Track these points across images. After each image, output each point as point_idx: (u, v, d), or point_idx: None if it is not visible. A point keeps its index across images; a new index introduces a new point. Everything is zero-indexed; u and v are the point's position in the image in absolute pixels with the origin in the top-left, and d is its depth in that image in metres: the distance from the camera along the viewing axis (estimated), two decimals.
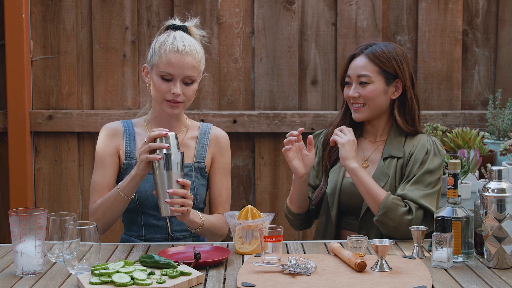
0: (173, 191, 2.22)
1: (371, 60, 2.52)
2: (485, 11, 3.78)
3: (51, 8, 3.77)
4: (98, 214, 2.44)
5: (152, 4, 3.76)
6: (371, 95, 2.51)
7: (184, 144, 2.57)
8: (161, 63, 2.44)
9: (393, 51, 2.53)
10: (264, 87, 3.79)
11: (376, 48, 2.53)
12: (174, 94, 2.44)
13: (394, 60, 2.52)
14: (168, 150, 2.24)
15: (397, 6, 3.78)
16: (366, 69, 2.52)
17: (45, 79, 3.80)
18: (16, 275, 2.02)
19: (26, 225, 1.99)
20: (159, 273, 1.94)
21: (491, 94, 3.78)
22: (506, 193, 2.06)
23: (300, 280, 1.93)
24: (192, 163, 2.55)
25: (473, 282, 1.95)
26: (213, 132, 2.62)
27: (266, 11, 3.76)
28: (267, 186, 3.81)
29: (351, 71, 2.56)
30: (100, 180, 2.52)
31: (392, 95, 2.54)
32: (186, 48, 2.45)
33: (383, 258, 2.02)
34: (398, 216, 2.37)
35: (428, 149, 2.48)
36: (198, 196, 2.54)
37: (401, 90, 2.54)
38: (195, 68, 2.47)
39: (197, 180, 2.55)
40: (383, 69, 2.51)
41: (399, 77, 2.53)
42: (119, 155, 2.55)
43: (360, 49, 2.56)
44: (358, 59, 2.55)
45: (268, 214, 2.29)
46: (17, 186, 3.75)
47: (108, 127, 2.59)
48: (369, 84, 2.52)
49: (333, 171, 2.61)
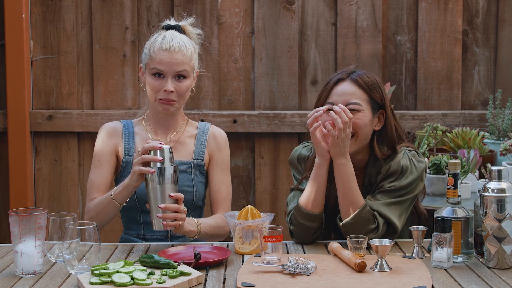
0: (165, 206, 2.21)
1: (360, 87, 2.33)
2: (485, 11, 3.79)
3: (51, 8, 3.77)
4: (92, 214, 2.46)
5: (152, 4, 3.76)
6: (361, 124, 2.31)
7: (181, 142, 2.57)
8: (151, 61, 2.48)
9: (376, 79, 2.36)
10: (264, 87, 3.79)
11: (362, 74, 2.35)
12: (166, 92, 2.45)
13: (380, 89, 2.36)
14: (162, 163, 2.23)
15: (397, 6, 3.78)
16: (356, 96, 2.32)
17: (45, 79, 3.80)
18: (16, 275, 2.02)
19: (26, 225, 1.99)
20: (159, 273, 1.93)
21: (491, 94, 3.78)
22: (506, 193, 2.06)
23: (300, 280, 1.93)
24: (190, 160, 2.56)
25: (473, 282, 1.95)
26: (211, 130, 2.63)
27: (266, 11, 3.76)
28: (267, 186, 3.81)
29: (337, 97, 2.33)
30: (97, 178, 2.53)
31: (375, 126, 2.37)
32: (174, 45, 2.47)
33: (383, 258, 2.02)
34: (364, 231, 2.25)
35: (398, 170, 2.34)
36: (197, 194, 2.55)
37: (383, 121, 2.37)
38: (185, 64, 2.48)
39: (196, 177, 2.55)
40: (371, 98, 2.34)
41: (383, 108, 2.36)
42: (118, 154, 2.55)
43: (345, 74, 2.36)
44: (344, 85, 2.34)
45: (268, 214, 2.29)
46: (17, 186, 3.75)
47: (107, 126, 2.61)
48: (359, 112, 2.31)
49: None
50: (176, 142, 2.57)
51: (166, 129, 2.58)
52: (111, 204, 2.38)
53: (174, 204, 2.23)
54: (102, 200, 2.43)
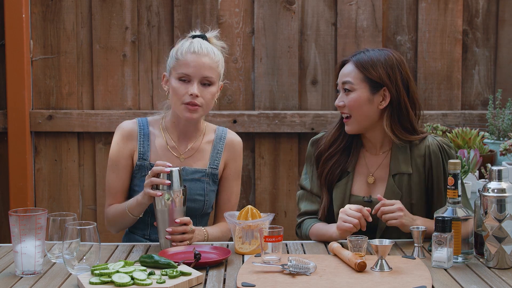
0: (172, 229, 2.25)
1: (356, 67, 2.41)
2: (485, 11, 3.78)
3: (51, 8, 3.77)
4: (110, 219, 2.52)
5: (152, 4, 3.76)
6: (353, 104, 2.40)
7: (199, 149, 2.57)
8: (178, 65, 2.45)
9: (382, 58, 2.40)
10: (264, 87, 3.79)
11: (364, 56, 2.42)
12: (192, 95, 2.43)
13: (382, 68, 2.38)
14: (169, 187, 2.25)
15: (397, 6, 3.78)
16: (350, 76, 2.41)
17: (45, 79, 3.80)
18: (16, 275, 2.02)
19: (26, 225, 1.99)
20: (159, 273, 1.94)
21: (491, 94, 3.78)
22: (506, 193, 2.06)
23: (300, 280, 1.93)
24: (205, 168, 2.56)
25: (473, 282, 1.95)
26: (229, 137, 2.62)
27: (266, 11, 3.76)
28: (267, 186, 3.81)
29: (339, 78, 2.47)
30: (114, 183, 2.54)
31: (379, 105, 2.41)
32: (202, 49, 2.46)
33: (383, 258, 2.02)
34: None
35: (441, 156, 2.40)
36: (208, 203, 2.56)
37: (389, 99, 2.40)
38: (212, 69, 2.46)
39: (209, 186, 2.56)
40: (367, 77, 2.39)
41: (385, 85, 2.40)
42: (133, 157, 2.56)
43: (351, 56, 2.47)
44: (346, 66, 2.46)
45: (268, 214, 2.29)
46: (17, 186, 3.75)
47: (123, 129, 2.57)
48: (352, 92, 2.41)
49: (338, 188, 2.47)
50: (195, 150, 2.57)
51: (186, 137, 2.56)
52: (127, 215, 2.43)
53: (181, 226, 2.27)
54: (119, 210, 2.47)
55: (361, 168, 2.49)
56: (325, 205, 2.48)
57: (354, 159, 2.49)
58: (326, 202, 2.48)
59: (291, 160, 3.79)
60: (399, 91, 2.40)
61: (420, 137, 2.44)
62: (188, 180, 2.51)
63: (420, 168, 2.42)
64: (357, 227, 2.24)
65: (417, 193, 2.41)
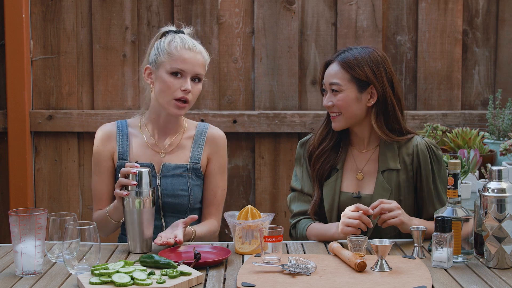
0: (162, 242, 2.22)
1: (342, 67, 2.43)
2: (485, 11, 3.78)
3: (51, 8, 3.77)
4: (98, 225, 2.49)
5: (152, 4, 3.76)
6: (342, 104, 2.43)
7: (180, 145, 2.57)
8: (172, 60, 2.46)
9: (367, 56, 2.42)
10: (264, 87, 3.79)
11: (348, 55, 2.43)
12: (185, 91, 2.45)
13: (368, 67, 2.41)
14: (137, 187, 2.24)
15: (397, 6, 3.78)
16: (337, 76, 2.43)
17: (45, 79, 3.80)
18: (16, 275, 2.02)
19: (26, 225, 1.99)
20: (159, 273, 1.94)
21: (491, 94, 3.78)
22: (506, 193, 2.06)
23: (300, 280, 1.93)
24: (187, 163, 2.55)
25: (473, 282, 1.95)
26: (210, 131, 2.62)
27: (266, 11, 3.76)
28: (267, 186, 3.81)
29: (325, 79, 2.48)
30: (98, 186, 2.55)
31: (367, 103, 2.45)
32: (196, 46, 2.50)
33: (383, 258, 2.02)
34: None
35: (430, 156, 2.44)
36: (193, 197, 2.55)
37: (376, 96, 2.44)
38: (203, 67, 2.51)
39: (192, 181, 2.55)
40: (354, 77, 2.42)
41: (372, 84, 2.42)
42: (113, 158, 2.56)
43: (334, 56, 2.48)
44: (331, 67, 2.47)
45: (268, 214, 2.29)
46: (17, 186, 3.75)
47: (103, 130, 2.59)
48: (340, 92, 2.43)
49: (328, 185, 2.50)
50: (175, 146, 2.57)
51: (166, 133, 2.57)
52: (109, 221, 2.43)
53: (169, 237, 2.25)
54: (101, 216, 2.47)
55: (350, 165, 2.52)
56: (316, 201, 2.50)
57: (342, 156, 2.52)
58: (317, 198, 2.50)
59: (291, 160, 3.79)
60: (385, 88, 2.44)
61: (407, 138, 2.48)
62: (170, 176, 2.51)
63: (408, 166, 2.45)
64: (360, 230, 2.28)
65: (405, 190, 2.45)
